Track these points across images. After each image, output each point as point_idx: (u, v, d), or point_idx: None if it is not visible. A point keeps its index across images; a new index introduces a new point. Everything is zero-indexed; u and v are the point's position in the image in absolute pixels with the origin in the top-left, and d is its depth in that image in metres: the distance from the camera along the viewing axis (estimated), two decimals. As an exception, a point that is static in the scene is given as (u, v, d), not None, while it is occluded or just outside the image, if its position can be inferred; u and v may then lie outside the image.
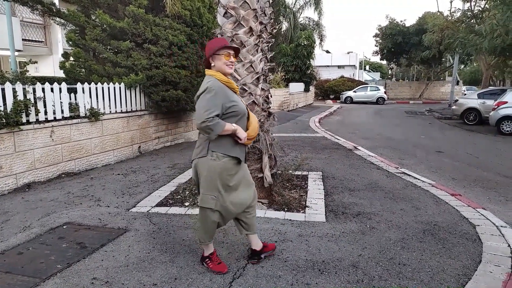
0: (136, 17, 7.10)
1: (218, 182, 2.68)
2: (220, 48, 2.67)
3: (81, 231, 3.71)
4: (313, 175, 5.88)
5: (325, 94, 33.34)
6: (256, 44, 4.32)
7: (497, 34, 11.55)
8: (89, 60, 7.43)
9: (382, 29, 34.39)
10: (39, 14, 8.00)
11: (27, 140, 5.30)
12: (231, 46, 2.75)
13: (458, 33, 16.00)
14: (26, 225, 3.86)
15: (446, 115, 17.50)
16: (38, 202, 4.60)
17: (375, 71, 66.06)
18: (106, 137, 6.74)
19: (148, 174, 6.02)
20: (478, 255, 3.18)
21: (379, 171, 6.21)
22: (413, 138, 10.74)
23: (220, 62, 2.68)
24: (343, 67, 42.85)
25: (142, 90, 7.73)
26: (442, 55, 31.02)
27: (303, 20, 28.75)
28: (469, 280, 2.78)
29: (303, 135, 10.63)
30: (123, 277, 2.83)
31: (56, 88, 5.80)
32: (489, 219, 3.98)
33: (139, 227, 3.79)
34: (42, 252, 3.25)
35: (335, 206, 4.45)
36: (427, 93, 35.58)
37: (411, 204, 4.54)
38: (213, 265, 2.90)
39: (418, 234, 3.62)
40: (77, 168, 6.15)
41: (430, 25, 23.60)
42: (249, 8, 4.21)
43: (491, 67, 22.78)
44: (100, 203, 4.57)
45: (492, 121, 12.18)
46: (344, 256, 3.16)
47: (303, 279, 2.79)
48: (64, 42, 11.64)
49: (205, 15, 8.05)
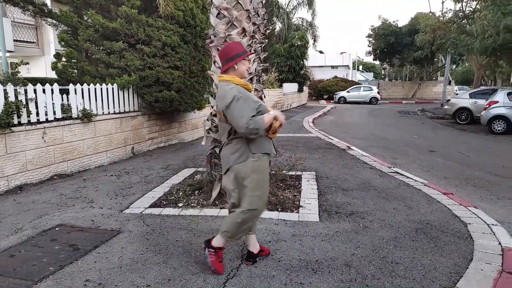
0: (129, 18, 7.07)
1: (265, 180, 2.81)
2: (248, 54, 2.82)
3: (73, 233, 3.69)
4: (307, 175, 5.90)
5: (319, 94, 33.45)
6: (249, 44, 4.33)
7: (488, 35, 11.68)
8: (82, 61, 7.39)
9: (375, 29, 34.60)
10: (31, 14, 7.92)
11: (19, 142, 5.26)
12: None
13: (450, 33, 16.16)
14: (18, 228, 3.83)
15: (439, 115, 17.65)
16: (30, 204, 4.56)
17: (368, 71, 66.38)
18: (99, 138, 6.71)
19: (142, 175, 6.00)
20: (470, 253, 3.22)
21: (372, 171, 6.25)
22: (406, 138, 10.81)
23: (244, 67, 2.80)
24: (336, 68, 42.99)
25: (135, 91, 7.70)
26: (434, 55, 31.30)
27: (296, 21, 28.85)
28: (460, 278, 2.81)
29: (297, 135, 10.66)
30: (116, 279, 2.82)
31: (48, 89, 5.76)
32: (481, 218, 4.03)
33: (133, 229, 3.78)
34: (34, 254, 3.22)
35: (328, 205, 4.47)
36: (420, 93, 35.84)
37: (404, 203, 4.57)
38: (215, 259, 2.86)
39: (410, 233, 3.65)
40: (69, 170, 6.11)
41: (422, 25, 23.82)
42: (242, 9, 4.22)
43: (483, 67, 23.01)
44: (93, 205, 4.54)
45: (483, 121, 12.30)
46: (337, 256, 3.18)
47: (296, 279, 2.80)
48: (56, 42, 11.55)
49: (198, 15, 8.03)
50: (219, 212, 4.21)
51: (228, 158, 2.78)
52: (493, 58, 17.93)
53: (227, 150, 2.79)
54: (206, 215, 4.14)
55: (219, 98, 2.74)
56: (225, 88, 2.68)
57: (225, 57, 2.75)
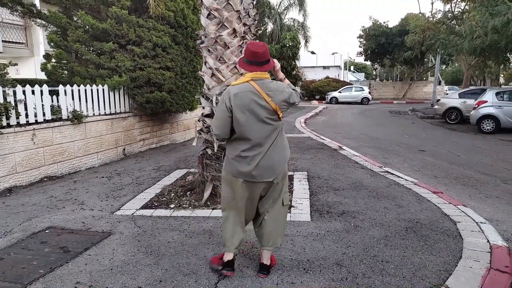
0: (119, 18, 7.03)
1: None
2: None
3: (64, 235, 3.66)
4: (299, 175, 5.92)
5: (311, 94, 33.54)
6: (240, 45, 4.34)
7: (477, 35, 11.81)
8: (72, 61, 7.32)
9: (365, 30, 34.86)
10: (19, 15, 7.83)
11: (8, 144, 5.20)
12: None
13: (439, 34, 16.31)
14: (7, 230, 3.79)
15: (429, 115, 17.82)
16: (20, 207, 4.51)
17: (359, 71, 66.78)
18: (89, 139, 6.66)
19: (133, 176, 5.97)
20: (459, 251, 3.26)
21: (363, 170, 6.29)
22: (397, 138, 10.91)
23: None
24: (328, 68, 43.17)
25: (126, 92, 7.66)
26: (424, 55, 31.59)
27: (288, 22, 28.90)
28: (450, 275, 2.85)
29: (289, 136, 10.68)
30: (107, 281, 2.80)
31: (37, 90, 5.70)
32: (470, 216, 4.08)
33: (124, 230, 3.76)
34: (24, 257, 3.19)
35: (320, 205, 4.49)
36: (410, 93, 36.17)
37: (394, 202, 4.61)
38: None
39: (400, 232, 3.69)
40: (60, 172, 6.05)
41: (412, 26, 24.04)
42: (232, 10, 4.22)
43: (472, 67, 23.32)
44: (84, 207, 4.51)
45: (472, 120, 12.45)
46: (328, 255, 3.20)
47: (288, 278, 2.82)
48: (45, 43, 11.41)
49: (189, 16, 8.02)
50: (211, 213, 4.21)
51: (283, 159, 2.81)
52: (481, 59, 18.14)
53: (282, 152, 2.78)
54: (198, 216, 4.13)
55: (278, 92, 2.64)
56: (282, 84, 2.72)
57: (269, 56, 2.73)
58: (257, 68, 2.59)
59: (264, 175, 2.63)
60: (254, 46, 2.61)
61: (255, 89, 2.54)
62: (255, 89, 2.54)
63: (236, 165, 2.64)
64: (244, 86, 2.57)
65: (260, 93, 2.53)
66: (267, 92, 2.54)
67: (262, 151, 2.59)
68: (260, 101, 2.53)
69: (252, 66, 2.60)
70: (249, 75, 2.60)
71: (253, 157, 2.59)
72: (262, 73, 2.61)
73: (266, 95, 2.53)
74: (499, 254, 3.18)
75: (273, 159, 2.63)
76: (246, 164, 2.60)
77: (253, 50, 2.58)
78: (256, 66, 2.60)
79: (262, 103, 2.53)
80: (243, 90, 2.55)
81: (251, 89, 2.54)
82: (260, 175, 2.62)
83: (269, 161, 2.61)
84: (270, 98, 2.53)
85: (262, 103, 2.53)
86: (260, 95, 2.53)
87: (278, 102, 2.56)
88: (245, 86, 2.57)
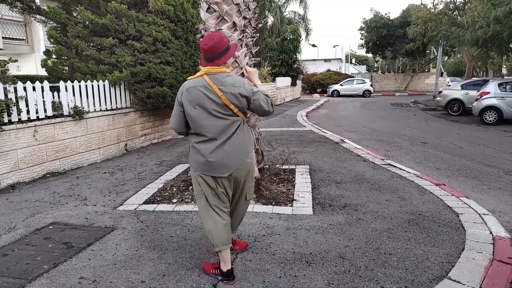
0: (118, 13, 7.00)
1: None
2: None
3: (67, 230, 3.68)
4: (301, 168, 5.92)
5: (312, 88, 33.45)
6: (240, 39, 4.31)
7: (479, 26, 11.73)
8: (72, 57, 7.31)
9: (367, 22, 34.58)
10: (19, 11, 7.82)
11: (10, 141, 5.21)
12: None
13: (441, 25, 16.20)
14: (11, 226, 3.81)
15: (431, 106, 17.74)
16: (23, 203, 4.53)
17: (361, 64, 66.44)
18: (91, 135, 6.66)
19: (135, 171, 5.98)
20: (462, 242, 3.26)
21: (365, 163, 6.28)
22: (398, 130, 10.87)
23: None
24: (329, 61, 43.00)
25: (127, 87, 7.65)
26: (426, 47, 31.41)
27: (288, 14, 28.74)
28: (452, 267, 2.85)
29: (291, 129, 10.66)
30: (111, 276, 2.82)
31: (38, 87, 5.70)
32: (472, 207, 4.08)
33: (127, 225, 3.77)
34: (28, 253, 3.21)
35: (322, 198, 4.49)
36: (412, 85, 36.00)
37: (397, 194, 4.61)
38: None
39: (403, 224, 3.69)
40: (62, 168, 6.07)
41: (413, 17, 23.80)
42: (232, 3, 4.19)
43: (474, 59, 23.13)
44: (87, 202, 4.53)
45: (475, 112, 12.39)
46: (331, 248, 3.20)
47: (291, 272, 2.82)
48: (46, 39, 11.40)
49: (189, 10, 7.98)
50: (213, 207, 4.21)
51: (249, 154, 2.77)
52: (484, 50, 18.01)
53: (247, 146, 2.75)
54: (200, 210, 4.14)
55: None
56: (242, 79, 2.64)
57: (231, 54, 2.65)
58: (208, 63, 2.55)
59: (219, 170, 2.57)
60: (204, 40, 2.56)
61: (207, 83, 2.50)
62: (207, 83, 2.50)
63: (195, 158, 2.62)
64: (197, 81, 2.54)
65: (212, 87, 2.49)
66: (219, 86, 2.49)
67: (215, 145, 2.54)
68: (211, 96, 2.49)
69: (205, 62, 2.58)
70: (204, 70, 2.57)
71: (206, 151, 2.54)
72: (216, 67, 2.54)
73: (218, 90, 2.48)
74: (502, 245, 3.18)
75: (228, 154, 2.55)
76: (201, 157, 2.57)
77: (201, 45, 2.55)
78: (207, 62, 2.56)
79: (213, 97, 2.49)
80: (195, 85, 2.53)
81: (203, 84, 2.51)
82: (215, 169, 2.56)
83: (223, 156, 2.54)
84: (222, 92, 2.49)
85: (213, 97, 2.49)
86: (211, 89, 2.49)
87: (230, 97, 2.51)
88: (198, 81, 2.54)
